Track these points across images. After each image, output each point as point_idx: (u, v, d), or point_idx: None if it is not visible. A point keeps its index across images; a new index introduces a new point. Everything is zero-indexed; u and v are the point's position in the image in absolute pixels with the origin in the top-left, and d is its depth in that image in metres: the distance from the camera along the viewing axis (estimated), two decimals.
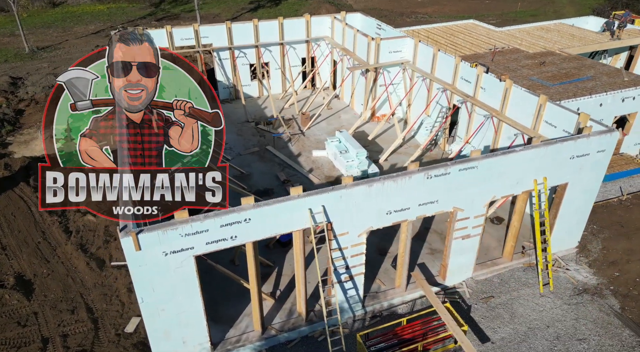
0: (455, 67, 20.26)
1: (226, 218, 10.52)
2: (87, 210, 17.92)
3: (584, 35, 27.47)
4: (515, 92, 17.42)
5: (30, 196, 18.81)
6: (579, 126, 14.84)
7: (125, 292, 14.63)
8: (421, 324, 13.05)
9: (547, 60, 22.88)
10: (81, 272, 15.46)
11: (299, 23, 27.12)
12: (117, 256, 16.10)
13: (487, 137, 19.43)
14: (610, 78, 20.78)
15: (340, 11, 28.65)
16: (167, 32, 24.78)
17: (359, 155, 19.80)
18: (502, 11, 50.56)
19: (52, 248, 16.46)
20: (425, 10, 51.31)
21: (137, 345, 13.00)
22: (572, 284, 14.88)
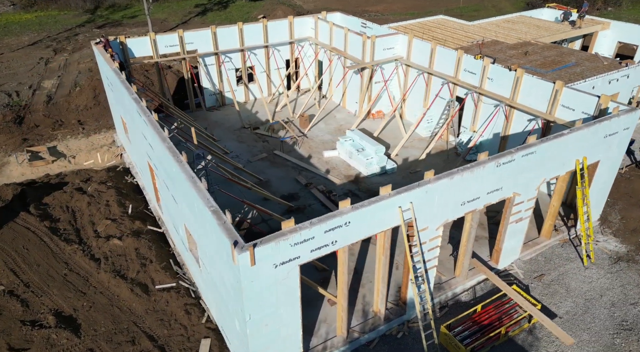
0: (457, 60, 21.03)
1: (330, 223, 10.27)
2: (109, 234, 16.71)
3: (548, 25, 29.54)
4: (526, 80, 18.41)
5: (38, 226, 17.11)
6: (599, 107, 16.04)
7: (183, 315, 13.80)
8: (494, 309, 13.50)
9: (529, 49, 24.37)
10: (126, 300, 14.35)
11: (282, 25, 26.79)
12: (158, 279, 15.12)
13: (496, 126, 20.35)
14: (591, 63, 22.55)
15: (296, 12, 28.72)
16: (150, 39, 23.50)
17: (378, 152, 20.00)
18: (447, 7, 52.92)
19: (84, 278, 15.12)
20: (376, 9, 52.52)
21: None
22: (606, 254, 16.05)
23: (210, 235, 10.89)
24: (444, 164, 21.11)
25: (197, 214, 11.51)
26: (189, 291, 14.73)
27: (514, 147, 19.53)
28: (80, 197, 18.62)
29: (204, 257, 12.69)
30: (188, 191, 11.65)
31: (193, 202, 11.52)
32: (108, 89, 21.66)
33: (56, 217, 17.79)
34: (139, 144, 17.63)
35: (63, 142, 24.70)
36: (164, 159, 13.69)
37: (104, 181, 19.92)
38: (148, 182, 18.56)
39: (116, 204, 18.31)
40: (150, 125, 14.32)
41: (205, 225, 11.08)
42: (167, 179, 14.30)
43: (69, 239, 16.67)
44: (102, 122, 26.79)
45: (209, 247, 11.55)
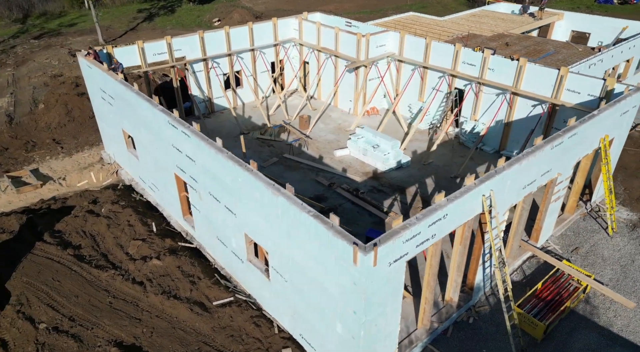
0: (455, 53, 21.90)
1: (432, 217, 10.42)
2: (143, 255, 15.75)
3: (511, 18, 31.50)
4: (529, 68, 19.59)
5: (61, 255, 15.70)
6: (606, 89, 17.47)
7: (253, 328, 13.35)
8: (552, 284, 14.32)
9: (508, 41, 25.88)
10: (187, 320, 13.60)
11: (267, 27, 26.41)
12: (213, 295, 14.48)
13: (498, 114, 21.43)
14: (567, 50, 24.41)
15: (253, 14, 28.45)
16: (138, 48, 22.25)
17: (394, 147, 20.38)
18: (396, 5, 54.61)
19: (132, 304, 14.11)
20: (328, 8, 52.98)
21: None
22: (622, 223, 17.52)
23: (306, 241, 10.64)
24: (451, 154, 21.92)
25: (283, 221, 11.19)
26: (248, 304, 14.24)
27: (518, 133, 20.84)
28: (97, 220, 17.31)
29: (280, 266, 12.36)
30: (270, 198, 11.28)
31: (277, 210, 11.18)
32: (101, 103, 20.24)
33: (76, 243, 16.42)
34: (161, 157, 16.71)
35: (44, 164, 22.79)
36: (219, 170, 13.12)
37: (115, 201, 18.63)
38: (170, 196, 17.64)
39: (139, 223, 17.24)
40: (195, 136, 13.66)
41: (297, 232, 10.81)
42: (218, 190, 13.71)
43: (100, 265, 15.47)
44: (82, 140, 25.01)
45: (298, 254, 11.27)
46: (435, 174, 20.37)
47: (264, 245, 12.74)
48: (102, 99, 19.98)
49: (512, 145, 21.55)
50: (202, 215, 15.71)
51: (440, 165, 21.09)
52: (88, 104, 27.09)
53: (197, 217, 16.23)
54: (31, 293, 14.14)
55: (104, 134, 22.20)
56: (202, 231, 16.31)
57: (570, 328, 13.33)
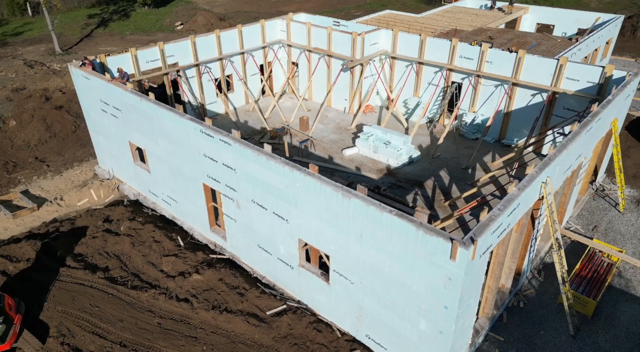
0: (452, 48, 22.52)
1: (510, 207, 10.66)
2: (179, 270, 15.09)
3: (483, 13, 32.78)
4: (528, 59, 20.50)
5: (91, 279, 14.69)
6: (605, 75, 18.62)
7: (315, 334, 13.14)
8: (588, 262, 15.12)
9: (490, 34, 26.93)
10: (245, 333, 13.16)
11: (255, 29, 25.95)
12: (264, 304, 14.09)
13: (495, 105, 22.27)
14: (548, 41, 25.76)
15: (218, 17, 28.01)
16: (132, 55, 21.18)
17: (406, 143, 20.68)
18: (357, 4, 55.24)
19: (183, 322, 13.46)
20: (290, 9, 52.64)
21: None
22: (627, 199, 18.76)
23: (386, 241, 10.60)
24: (456, 146, 22.55)
25: (355, 223, 11.08)
26: (302, 310, 13.99)
27: (518, 122, 21.76)
28: (118, 239, 16.34)
29: (345, 268, 12.24)
30: (339, 201, 11.14)
31: (348, 212, 11.07)
32: (100, 116, 19.09)
33: (102, 266, 15.42)
34: (185, 168, 16.04)
35: (33, 185, 21.23)
36: (270, 176, 12.79)
37: (131, 218, 17.67)
38: (193, 208, 16.96)
39: (166, 238, 16.46)
40: (239, 144, 13.23)
41: (374, 233, 10.74)
42: (265, 197, 13.36)
43: (135, 285, 14.62)
44: (69, 156, 23.49)
45: (372, 255, 11.20)
46: (446, 166, 20.87)
47: (325, 249, 12.57)
48: (102, 112, 18.86)
49: (511, 134, 22.49)
50: (240, 224, 15.23)
51: (448, 157, 21.63)
52: (68, 118, 25.54)
53: (231, 227, 15.72)
54: (71, 322, 13.15)
55: (100, 148, 20.95)
56: (238, 240, 15.82)
57: (612, 302, 14.13)
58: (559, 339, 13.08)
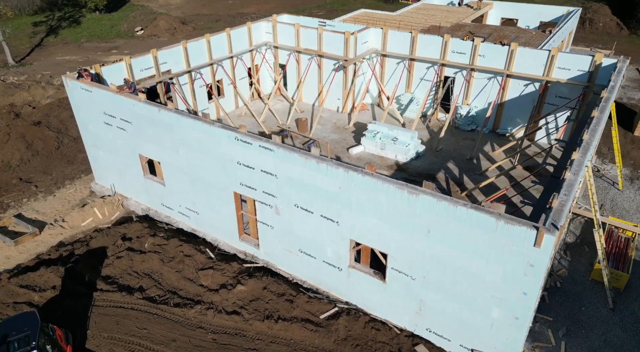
0: (444, 44, 23.19)
1: (572, 192, 11.21)
2: (220, 283, 14.69)
3: (454, 9, 33.96)
4: (520, 51, 21.50)
5: (129, 300, 13.92)
6: (595, 63, 19.90)
7: (375, 332, 13.21)
8: (609, 239, 16.12)
9: (469, 29, 27.98)
10: (304, 339, 12.98)
11: (242, 32, 25.49)
12: (315, 309, 13.98)
13: (490, 96, 23.19)
14: (524, 34, 27.12)
15: (180, 21, 27.62)
16: (126, 64, 20.21)
17: (413, 138, 21.10)
18: (317, 4, 55.36)
19: (238, 335, 13.07)
20: (250, 10, 52.09)
21: None
22: (622, 178, 20.17)
23: (458, 234, 10.84)
24: (454, 138, 23.27)
25: (421, 220, 11.24)
26: (354, 311, 14.00)
27: (511, 112, 22.77)
28: (145, 257, 15.59)
29: (405, 265, 12.38)
30: (404, 199, 11.26)
31: (415, 209, 11.21)
32: (102, 130, 18.08)
33: (135, 286, 14.66)
34: (212, 178, 15.56)
35: (25, 207, 19.82)
36: (320, 179, 12.69)
37: (151, 234, 16.90)
38: (219, 219, 16.49)
39: (196, 251, 15.90)
40: (284, 149, 13.05)
41: (445, 227, 10.96)
42: (311, 201, 13.25)
43: (178, 303, 14.02)
44: (57, 175, 22.07)
45: (439, 250, 11.41)
46: (451, 158, 21.50)
47: (382, 248, 12.65)
48: (105, 125, 17.88)
49: (505, 123, 23.51)
50: (277, 230, 14.99)
51: (450, 149, 22.29)
52: (50, 134, 24.01)
53: (266, 234, 15.43)
54: (121, 348, 12.44)
55: (99, 164, 19.83)
56: (274, 247, 15.54)
57: (638, 274, 15.18)
58: (600, 313, 13.89)
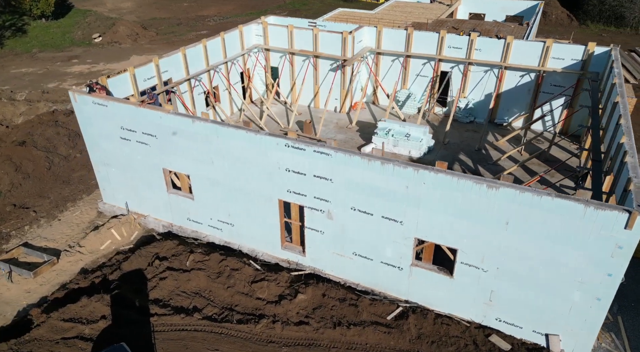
0: (440, 40, 23.77)
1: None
2: (278, 294, 14.35)
3: (428, 7, 34.85)
4: (516, 44, 22.46)
5: (190, 322, 13.21)
6: (588, 53, 21.18)
7: (445, 328, 13.37)
8: None
9: (451, 25, 28.84)
10: (380, 342, 12.89)
11: (234, 36, 24.84)
12: (380, 311, 13.95)
13: (487, 88, 24.07)
14: (504, 28, 28.33)
15: (139, 25, 27.00)
16: (130, 75, 19.09)
17: (425, 133, 21.49)
18: (277, 4, 54.77)
19: (312, 346, 12.76)
20: (209, 12, 50.68)
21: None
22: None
23: (540, 223, 11.20)
24: (457, 131, 23.95)
25: (500, 212, 11.52)
26: (418, 308, 14.11)
27: (507, 103, 23.76)
28: (190, 276, 14.85)
29: (478, 258, 12.62)
30: (482, 194, 11.50)
31: (493, 203, 11.48)
32: (118, 146, 16.99)
33: (188, 306, 13.94)
34: (252, 188, 15.09)
35: (30, 235, 18.35)
36: (385, 180, 12.66)
37: (188, 250, 16.12)
38: (259, 229, 16.02)
39: (243, 265, 15.36)
40: (343, 153, 12.90)
41: (526, 217, 11.29)
42: (371, 203, 13.20)
43: (239, 319, 13.49)
44: (55, 197, 20.52)
45: (517, 240, 11.74)
46: (460, 150, 22.13)
47: (451, 243, 12.82)
48: (122, 140, 16.83)
49: (502, 113, 24.49)
50: (328, 235, 14.79)
51: (457, 142, 22.93)
52: (38, 154, 22.29)
53: (314, 240, 15.17)
54: None
55: (109, 182, 18.60)
56: (322, 253, 15.31)
57: None
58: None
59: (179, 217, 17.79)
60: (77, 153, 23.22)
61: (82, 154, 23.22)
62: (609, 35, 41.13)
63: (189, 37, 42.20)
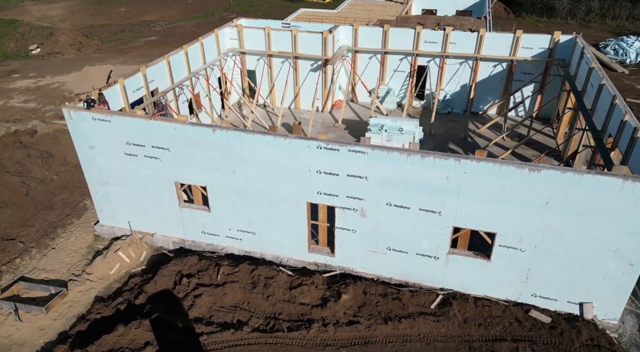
0: (416, 35, 24.55)
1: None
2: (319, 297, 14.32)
3: (387, 4, 35.77)
4: (488, 36, 23.72)
5: (243, 336, 12.78)
6: (554, 41, 22.83)
7: (487, 309, 13.97)
8: None
9: (417, 21, 29.83)
10: (431, 331, 13.21)
11: (211, 40, 24.12)
12: (422, 301, 14.31)
13: (462, 79, 25.20)
14: (466, 21, 29.74)
15: (81, 33, 26.13)
16: (120, 86, 18.02)
17: (417, 126, 22.11)
18: (223, 6, 53.52)
19: (369, 344, 12.82)
20: (151, 17, 48.57)
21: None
22: None
23: (579, 200, 12.02)
24: (440, 122, 24.88)
25: (540, 194, 12.22)
26: (459, 295, 14.60)
27: (482, 92, 25.07)
28: (225, 290, 14.34)
29: (515, 240, 13.27)
30: (524, 177, 12.13)
31: (534, 186, 12.15)
32: (121, 162, 16.01)
33: (230, 321, 13.46)
34: (279, 193, 14.87)
35: (23, 269, 16.84)
36: (425, 173, 13.01)
37: (213, 264, 15.56)
38: (283, 235, 15.80)
39: (275, 272, 15.09)
40: (381, 151, 13.10)
41: (566, 197, 12.07)
42: (409, 197, 13.50)
43: (289, 327, 13.26)
44: (41, 225, 18.95)
45: (555, 219, 12.51)
46: (448, 140, 23.03)
47: (490, 228, 13.42)
48: (126, 156, 15.89)
49: (477, 102, 25.76)
50: (360, 233, 14.89)
51: (442, 132, 23.84)
52: (13, 180, 20.55)
53: (345, 239, 15.21)
54: None
55: (107, 203, 17.43)
56: (353, 251, 15.38)
57: None
58: None
59: (192, 231, 17.08)
60: (54, 175, 21.54)
61: (59, 176, 21.62)
62: (544, 25, 44.39)
63: (139, 44, 40.33)
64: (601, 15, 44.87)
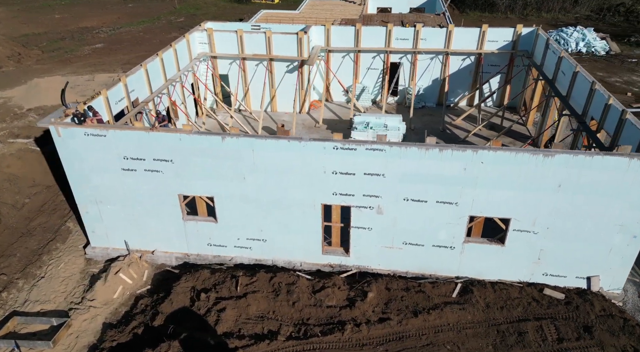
0: (388, 33, 25.01)
1: None
2: (344, 298, 14.34)
3: (345, 4, 36.05)
4: (457, 31, 24.60)
5: (280, 346, 12.45)
6: (517, 33, 24.11)
7: (505, 293, 14.55)
8: None
9: (381, 19, 30.40)
10: (459, 320, 13.58)
11: (183, 46, 23.24)
12: (442, 291, 14.68)
13: (434, 73, 25.99)
14: (427, 18, 30.70)
15: (18, 45, 25.80)
16: (104, 98, 16.95)
17: (400, 121, 22.54)
18: (169, 10, 51.57)
19: (403, 339, 12.93)
20: (92, 24, 45.87)
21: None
22: None
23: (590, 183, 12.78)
24: (416, 117, 25.51)
25: (553, 178, 12.91)
26: (475, 281, 15.09)
27: (453, 85, 26.03)
28: (248, 301, 13.92)
29: (530, 223, 13.91)
30: (539, 163, 12.75)
31: (548, 171, 12.81)
32: (117, 178, 15.08)
33: (262, 332, 13.08)
34: (293, 196, 14.68)
35: (14, 302, 15.49)
36: (442, 166, 13.34)
37: (229, 276, 15.06)
38: (298, 238, 15.60)
39: (296, 278, 14.86)
40: (399, 147, 13.28)
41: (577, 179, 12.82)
42: (426, 191, 13.80)
43: (322, 331, 13.14)
44: (22, 254, 17.46)
45: (568, 201, 13.26)
46: (429, 132, 23.66)
47: (506, 214, 13.97)
48: (123, 172, 15.01)
49: (449, 95, 26.67)
50: (376, 231, 15.01)
51: (421, 126, 24.47)
52: None
53: (360, 238, 15.27)
54: None
55: (102, 222, 16.37)
56: (369, 250, 15.48)
57: None
58: None
59: (196, 244, 16.44)
60: (25, 198, 19.88)
61: (32, 199, 20.00)
62: (487, 20, 46.60)
63: (85, 53, 38.09)
64: (537, 9, 47.94)
